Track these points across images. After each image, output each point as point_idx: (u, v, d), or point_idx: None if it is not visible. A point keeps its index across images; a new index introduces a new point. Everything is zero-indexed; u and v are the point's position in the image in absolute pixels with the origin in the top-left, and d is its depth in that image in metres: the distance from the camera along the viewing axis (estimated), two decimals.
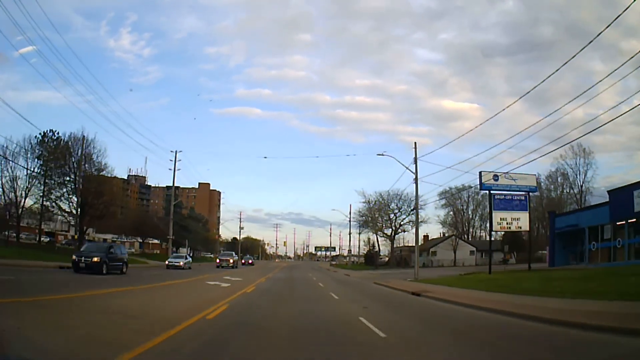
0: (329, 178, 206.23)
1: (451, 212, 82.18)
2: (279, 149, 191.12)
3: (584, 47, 14.69)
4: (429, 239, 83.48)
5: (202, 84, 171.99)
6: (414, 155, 33.06)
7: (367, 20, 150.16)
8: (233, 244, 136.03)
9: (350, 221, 74.71)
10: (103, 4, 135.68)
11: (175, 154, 53.79)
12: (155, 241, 78.08)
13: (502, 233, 59.26)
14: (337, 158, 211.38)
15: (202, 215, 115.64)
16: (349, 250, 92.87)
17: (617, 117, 16.74)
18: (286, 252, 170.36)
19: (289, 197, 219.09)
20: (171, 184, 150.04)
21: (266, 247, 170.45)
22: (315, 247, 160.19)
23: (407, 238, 75.87)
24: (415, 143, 36.27)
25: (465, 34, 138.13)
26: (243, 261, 78.43)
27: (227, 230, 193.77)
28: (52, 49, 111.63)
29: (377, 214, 69.09)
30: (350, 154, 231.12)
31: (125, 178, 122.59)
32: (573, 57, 15.31)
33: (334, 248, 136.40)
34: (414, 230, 42.67)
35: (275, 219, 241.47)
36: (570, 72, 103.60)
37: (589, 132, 26.60)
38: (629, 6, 12.81)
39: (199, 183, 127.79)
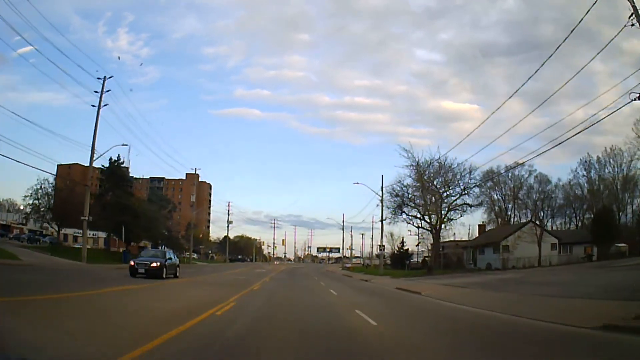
0: (330, 180, 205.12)
1: (497, 196, 64.30)
2: (278, 150, 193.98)
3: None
4: (486, 230, 62.92)
5: (201, 84, 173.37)
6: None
7: (366, 20, 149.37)
8: (224, 244, 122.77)
9: (382, 200, 49.49)
10: (100, 4, 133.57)
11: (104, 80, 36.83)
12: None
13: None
14: (337, 159, 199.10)
15: (166, 197, 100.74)
16: (381, 248, 64.32)
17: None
18: (285, 253, 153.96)
19: (289, 198, 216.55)
20: (157, 175, 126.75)
21: (263, 247, 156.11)
22: (318, 248, 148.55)
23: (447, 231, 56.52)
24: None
25: (465, 33, 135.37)
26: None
27: (221, 229, 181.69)
28: (50, 49, 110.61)
29: (428, 186, 48.64)
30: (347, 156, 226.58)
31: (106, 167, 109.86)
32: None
33: (338, 249, 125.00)
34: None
35: (278, 222, 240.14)
36: (571, 72, 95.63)
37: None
38: None
39: (187, 174, 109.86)
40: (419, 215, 51.40)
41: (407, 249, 66.39)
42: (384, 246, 55.46)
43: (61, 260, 34.84)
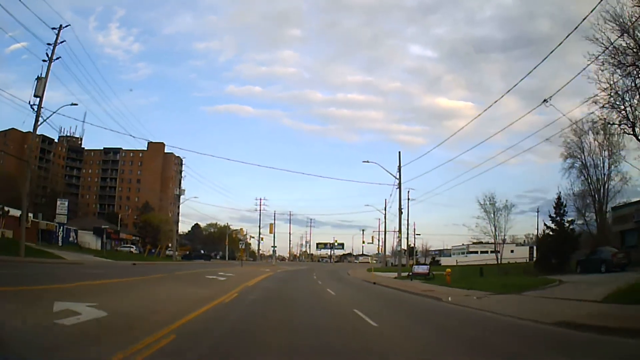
0: (325, 178, 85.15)
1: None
2: (271, 147, 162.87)
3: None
4: None
5: (193, 80, 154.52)
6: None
7: (358, 14, 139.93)
8: (193, 234, 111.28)
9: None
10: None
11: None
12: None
13: None
14: (331, 158, 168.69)
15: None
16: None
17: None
18: (274, 246, 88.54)
19: (283, 196, 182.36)
20: (112, 146, 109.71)
21: (250, 241, 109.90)
22: (318, 244, 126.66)
23: None
24: (399, 152, 45.57)
25: (459, 28, 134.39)
26: None
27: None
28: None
29: None
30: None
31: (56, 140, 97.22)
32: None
33: (342, 245, 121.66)
34: None
35: (269, 219, 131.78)
36: (567, 70, 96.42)
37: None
38: None
39: (148, 143, 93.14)
40: None
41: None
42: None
43: None
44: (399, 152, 47.24)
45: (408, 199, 62.12)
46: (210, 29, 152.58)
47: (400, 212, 40.65)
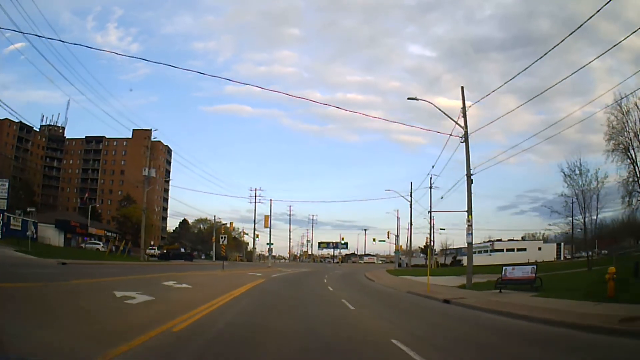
0: (324, 177, 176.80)
1: None
2: (271, 147, 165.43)
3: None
4: None
5: (191, 80, 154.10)
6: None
7: (357, 13, 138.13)
8: (180, 231, 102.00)
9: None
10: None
11: None
12: None
13: None
14: (330, 157, 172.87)
15: None
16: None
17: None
18: (270, 243, 74.02)
19: (284, 196, 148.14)
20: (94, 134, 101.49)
21: (243, 238, 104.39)
22: (320, 243, 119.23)
23: None
24: (411, 183, 44.80)
25: (459, 28, 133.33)
26: None
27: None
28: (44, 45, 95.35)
29: None
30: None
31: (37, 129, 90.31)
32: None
33: (346, 244, 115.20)
34: None
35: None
36: (567, 68, 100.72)
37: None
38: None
39: (133, 130, 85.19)
40: None
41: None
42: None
43: None
44: (411, 183, 44.52)
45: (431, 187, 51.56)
46: (209, 28, 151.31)
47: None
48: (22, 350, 5.49)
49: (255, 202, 73.84)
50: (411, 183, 62.18)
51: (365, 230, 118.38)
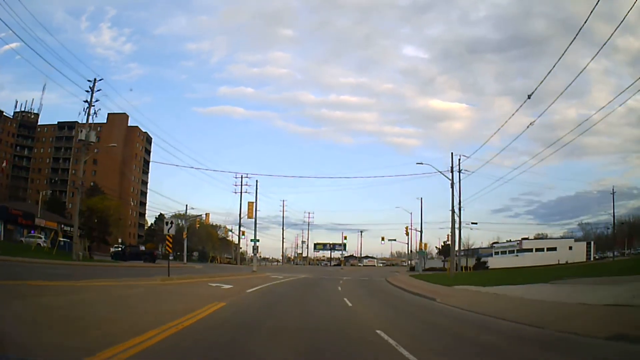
0: (321, 181, 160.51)
1: None
2: (264, 150, 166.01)
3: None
4: None
5: (184, 81, 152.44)
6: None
7: (351, 14, 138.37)
8: (154, 229, 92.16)
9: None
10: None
11: None
12: None
13: None
14: (323, 159, 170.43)
15: None
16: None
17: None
18: (254, 242, 53.05)
19: (278, 199, 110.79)
20: (67, 119, 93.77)
21: (230, 237, 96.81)
22: (316, 245, 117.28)
23: None
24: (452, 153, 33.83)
25: (453, 29, 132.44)
26: None
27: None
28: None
29: None
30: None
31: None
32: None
33: (344, 245, 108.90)
34: None
35: (263, 222, 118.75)
36: (563, 70, 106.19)
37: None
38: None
39: (109, 114, 78.95)
40: None
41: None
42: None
43: None
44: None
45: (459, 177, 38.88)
46: (202, 29, 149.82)
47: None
48: None
49: (241, 192, 63.92)
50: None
51: (361, 232, 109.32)
